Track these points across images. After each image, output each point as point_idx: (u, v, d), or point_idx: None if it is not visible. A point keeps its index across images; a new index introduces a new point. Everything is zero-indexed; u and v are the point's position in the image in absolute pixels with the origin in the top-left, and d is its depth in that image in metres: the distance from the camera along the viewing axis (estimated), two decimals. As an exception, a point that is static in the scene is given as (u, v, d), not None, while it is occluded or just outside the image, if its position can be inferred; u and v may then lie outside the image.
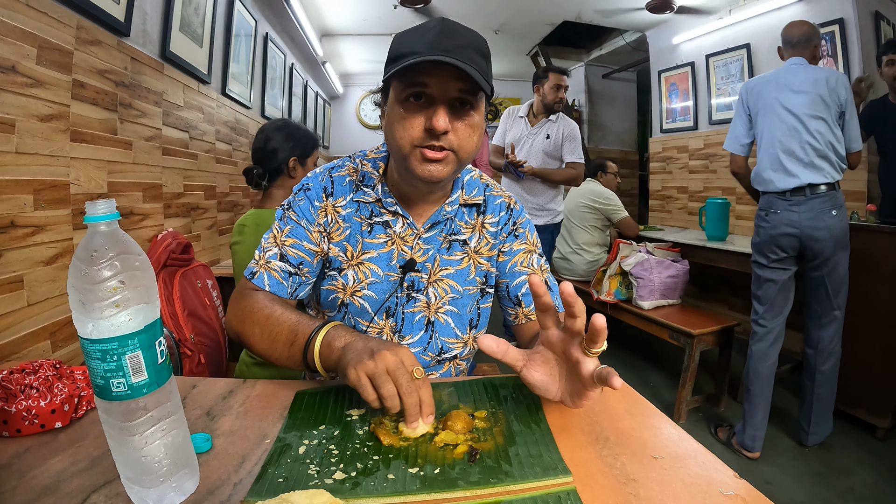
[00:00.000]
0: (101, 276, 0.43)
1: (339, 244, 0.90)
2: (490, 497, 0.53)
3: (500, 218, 0.96)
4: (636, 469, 0.58)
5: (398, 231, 0.90)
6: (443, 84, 0.74)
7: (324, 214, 0.89)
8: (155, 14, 1.91)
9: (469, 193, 0.95)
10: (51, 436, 0.63)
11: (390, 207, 0.89)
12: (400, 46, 0.77)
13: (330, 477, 0.55)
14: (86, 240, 0.45)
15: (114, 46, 1.62)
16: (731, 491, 0.54)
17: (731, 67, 3.59)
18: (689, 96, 4.04)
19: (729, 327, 2.48)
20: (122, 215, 1.69)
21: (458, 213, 0.93)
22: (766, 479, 1.94)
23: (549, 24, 4.58)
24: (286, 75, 4.06)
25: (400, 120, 0.77)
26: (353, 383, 0.63)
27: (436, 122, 0.73)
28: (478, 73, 0.72)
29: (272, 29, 3.58)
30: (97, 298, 0.43)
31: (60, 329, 1.36)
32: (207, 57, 2.41)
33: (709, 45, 3.78)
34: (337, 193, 0.90)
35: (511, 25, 4.61)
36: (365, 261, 0.90)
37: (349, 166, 0.93)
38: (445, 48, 0.72)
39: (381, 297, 0.90)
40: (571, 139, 2.82)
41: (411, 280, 0.91)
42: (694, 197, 3.96)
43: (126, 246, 0.46)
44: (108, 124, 1.60)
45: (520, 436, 0.65)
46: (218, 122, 2.60)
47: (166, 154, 2.00)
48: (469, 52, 0.74)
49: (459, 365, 0.99)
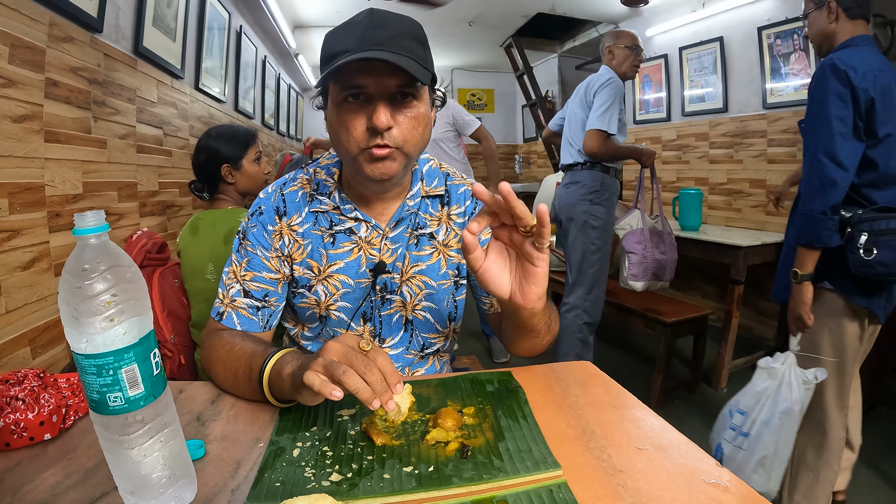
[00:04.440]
0: (95, 290, 0.43)
1: (302, 263, 0.88)
2: (485, 493, 0.54)
3: (467, 207, 0.94)
4: (622, 460, 0.60)
5: (363, 236, 0.88)
6: (379, 81, 0.71)
7: (279, 238, 0.87)
8: (128, 8, 1.86)
9: (430, 184, 0.92)
10: (40, 448, 0.62)
11: (350, 214, 0.87)
12: (331, 45, 0.74)
13: (327, 479, 0.56)
14: (76, 253, 0.45)
15: (87, 43, 1.58)
16: (713, 479, 0.56)
17: (705, 60, 3.66)
18: (662, 88, 4.10)
19: (703, 316, 2.55)
20: (98, 216, 1.65)
21: (421, 206, 0.91)
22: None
23: (523, 15, 4.59)
24: (259, 68, 4.00)
25: (341, 123, 0.75)
26: (311, 386, 0.58)
27: (376, 121, 0.71)
28: (415, 64, 0.70)
29: (245, 22, 3.51)
30: (91, 313, 0.43)
31: (40, 335, 1.33)
32: (181, 51, 2.35)
33: (682, 38, 3.83)
34: (291, 211, 0.88)
35: (485, 17, 4.60)
36: (333, 273, 0.88)
37: (302, 178, 0.90)
38: (377, 41, 0.70)
39: (355, 305, 0.89)
40: (460, 112, 2.98)
41: (383, 282, 0.89)
42: (667, 187, 4.04)
43: (117, 258, 0.46)
44: (82, 123, 1.56)
45: (508, 431, 0.66)
46: (192, 117, 2.55)
47: (141, 152, 1.96)
48: (402, 41, 0.72)
49: (443, 357, 0.99)
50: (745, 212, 3.38)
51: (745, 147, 3.34)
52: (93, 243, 0.45)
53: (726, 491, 0.54)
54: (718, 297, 3.52)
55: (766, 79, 3.17)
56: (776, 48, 3.12)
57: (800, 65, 3.03)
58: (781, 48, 3.11)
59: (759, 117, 3.22)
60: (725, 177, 3.51)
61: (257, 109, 4.03)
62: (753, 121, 3.27)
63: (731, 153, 3.46)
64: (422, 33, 0.76)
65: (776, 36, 3.10)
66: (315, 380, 0.58)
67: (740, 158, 3.39)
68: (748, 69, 3.30)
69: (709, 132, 3.64)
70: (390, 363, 0.62)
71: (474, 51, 5.67)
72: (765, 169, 3.21)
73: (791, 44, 3.07)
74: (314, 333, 0.95)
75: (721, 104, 3.51)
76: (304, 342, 0.96)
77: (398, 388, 0.61)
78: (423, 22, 0.83)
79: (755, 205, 3.30)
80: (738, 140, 3.40)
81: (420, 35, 0.75)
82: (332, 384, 0.58)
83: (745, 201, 3.37)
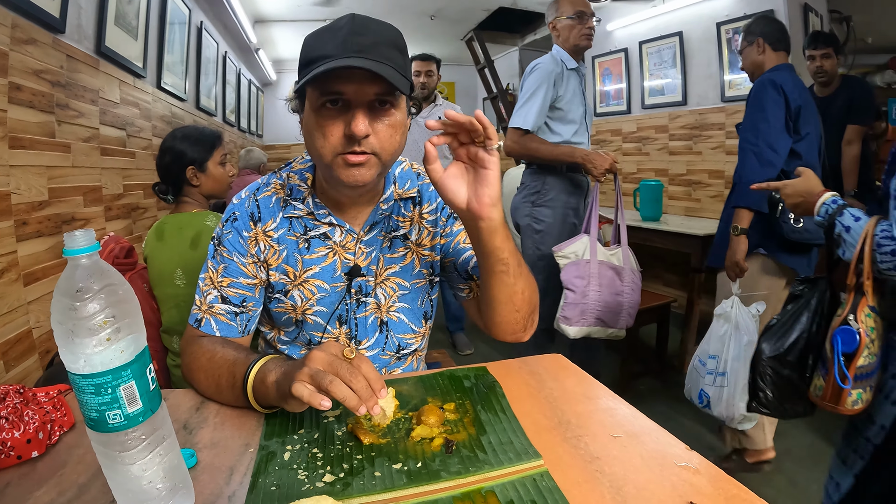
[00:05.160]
0: (91, 311, 0.44)
1: (278, 268, 0.88)
2: (472, 485, 0.58)
3: (438, 204, 0.95)
4: (598, 448, 0.64)
5: (338, 240, 0.89)
6: (359, 88, 0.72)
7: (255, 244, 0.87)
8: (90, 7, 1.80)
9: (402, 187, 0.93)
10: (29, 467, 0.62)
11: (324, 219, 0.88)
12: (311, 50, 0.74)
13: (320, 480, 0.58)
14: (68, 273, 0.45)
15: (49, 45, 1.53)
16: (684, 462, 0.61)
17: (664, 54, 3.76)
18: (622, 80, 4.20)
19: (665, 304, 2.65)
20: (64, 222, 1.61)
21: (394, 209, 0.92)
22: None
23: (485, 9, 4.63)
24: (220, 64, 3.91)
25: (318, 129, 0.75)
26: (300, 398, 0.60)
27: (355, 128, 0.71)
28: (395, 72, 0.71)
29: (206, 17, 3.43)
30: (88, 334, 0.44)
31: (12, 348, 1.30)
32: (142, 50, 2.30)
33: (642, 32, 3.93)
34: (265, 217, 0.88)
35: (447, 11, 4.62)
36: (309, 278, 0.89)
37: (275, 183, 0.90)
38: (358, 48, 0.71)
39: (330, 308, 0.90)
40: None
41: (358, 285, 0.90)
42: (627, 178, 4.15)
43: (110, 276, 0.47)
44: (46, 127, 1.52)
45: (489, 425, 0.70)
46: (154, 117, 2.49)
47: (105, 154, 1.91)
48: (383, 49, 0.72)
49: (419, 355, 1.01)
50: (704, 202, 3.51)
51: (703, 139, 3.47)
52: (84, 263, 0.46)
53: (696, 472, 0.59)
54: (680, 285, 3.66)
55: (724, 72, 3.30)
56: (734, 43, 3.23)
57: (755, 59, 3.14)
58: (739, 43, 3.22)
59: (718, 110, 3.35)
60: (685, 168, 3.65)
61: (219, 107, 3.96)
62: (712, 113, 3.39)
63: (691, 145, 3.59)
64: (402, 41, 0.76)
65: (734, 31, 3.21)
66: (304, 391, 0.60)
67: (699, 150, 3.52)
68: (707, 63, 3.42)
69: (668, 124, 3.76)
70: (374, 369, 0.64)
71: (435, 44, 5.68)
72: (723, 160, 3.34)
73: (749, 39, 3.18)
74: (291, 337, 0.95)
75: (680, 97, 3.63)
76: (281, 346, 0.97)
77: (382, 393, 0.63)
78: (384, 15, 0.84)
79: (714, 195, 3.43)
80: (696, 132, 3.53)
81: (400, 43, 0.76)
82: (321, 395, 0.60)
83: (704, 191, 3.51)
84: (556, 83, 1.98)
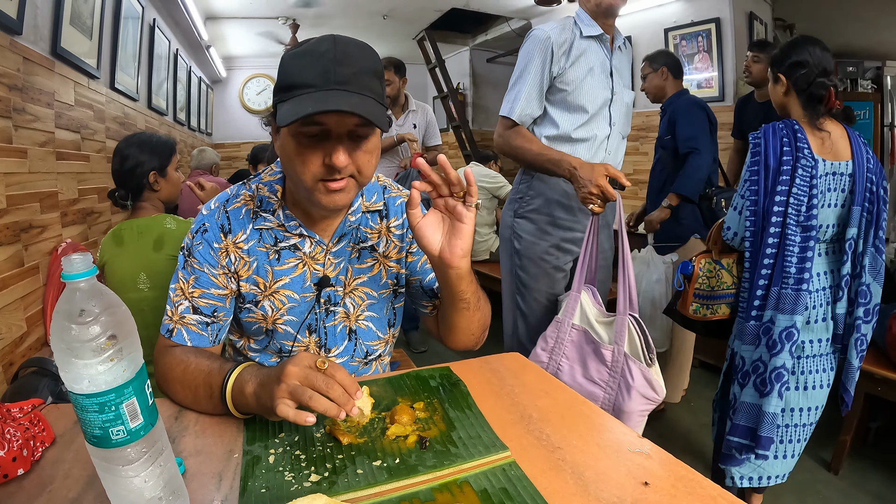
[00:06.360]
0: (93, 333, 0.47)
1: (248, 279, 0.90)
2: (448, 477, 0.64)
3: (403, 220, 0.97)
4: (559, 439, 0.72)
5: (308, 251, 0.91)
6: (340, 120, 0.73)
7: (225, 255, 0.88)
8: (46, 7, 1.74)
9: (369, 199, 0.96)
10: (16, 485, 0.61)
11: (294, 231, 0.89)
12: (290, 74, 0.74)
13: (307, 480, 0.63)
14: (67, 297, 0.47)
15: (6, 47, 1.48)
16: (637, 448, 0.69)
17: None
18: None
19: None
20: (21, 230, 1.56)
21: (362, 221, 0.94)
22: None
23: (438, 10, 4.64)
24: (171, 62, 3.81)
25: (298, 156, 0.76)
26: (285, 418, 0.64)
27: (336, 160, 0.73)
28: (375, 102, 0.73)
29: (158, 14, 3.33)
30: (93, 355, 0.46)
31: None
32: (96, 50, 2.23)
33: (593, 36, 4.06)
34: (235, 229, 0.88)
35: (399, 11, 4.60)
36: (279, 289, 0.90)
37: (245, 195, 0.91)
38: (340, 79, 0.72)
39: (300, 318, 0.92)
40: (433, 124, 2.94)
41: (327, 295, 0.93)
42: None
43: (109, 299, 0.50)
44: (3, 133, 1.47)
45: (458, 421, 0.76)
46: (108, 118, 2.42)
47: (60, 159, 1.86)
48: (364, 78, 0.74)
49: (384, 360, 1.05)
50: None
51: (650, 140, 3.64)
52: (83, 287, 0.48)
53: (649, 457, 0.68)
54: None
55: (670, 77, 3.46)
56: (681, 48, 3.40)
57: (703, 64, 3.32)
58: (686, 48, 3.39)
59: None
60: (632, 168, 3.81)
61: (170, 105, 3.86)
62: (657, 116, 3.55)
63: (637, 145, 3.76)
64: (380, 65, 0.78)
65: (682, 37, 3.38)
66: (289, 413, 0.64)
67: (646, 150, 3.69)
68: (654, 68, 3.57)
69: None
70: (347, 374, 0.68)
71: (387, 44, 5.65)
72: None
73: (696, 45, 3.35)
74: (261, 346, 0.97)
75: (630, 100, 3.78)
76: (252, 354, 0.99)
77: (358, 395, 0.67)
78: (336, 13, 0.86)
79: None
80: (644, 133, 3.70)
81: (379, 69, 0.78)
82: (304, 412, 0.64)
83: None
84: (555, 56, 1.47)
